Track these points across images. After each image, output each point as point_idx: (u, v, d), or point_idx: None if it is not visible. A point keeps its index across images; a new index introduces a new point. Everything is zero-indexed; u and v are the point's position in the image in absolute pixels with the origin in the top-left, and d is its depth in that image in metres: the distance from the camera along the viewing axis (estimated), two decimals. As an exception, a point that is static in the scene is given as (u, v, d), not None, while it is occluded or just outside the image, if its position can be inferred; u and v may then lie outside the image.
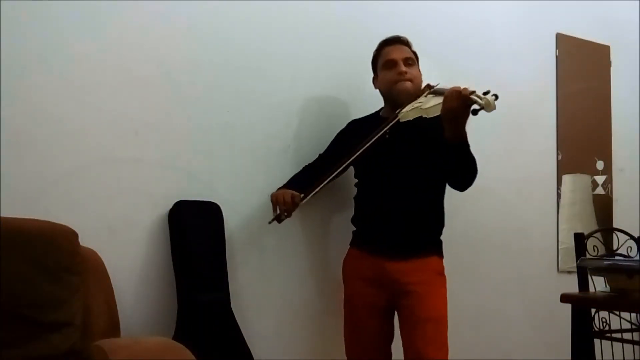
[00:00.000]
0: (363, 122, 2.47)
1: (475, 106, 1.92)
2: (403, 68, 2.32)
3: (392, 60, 2.35)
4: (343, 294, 2.40)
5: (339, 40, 2.68)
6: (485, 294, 3.01)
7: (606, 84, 3.61)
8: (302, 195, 2.27)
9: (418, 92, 2.31)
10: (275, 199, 2.29)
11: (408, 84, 2.31)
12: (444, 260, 2.34)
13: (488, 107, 1.89)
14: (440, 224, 2.36)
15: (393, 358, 2.35)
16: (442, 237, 2.36)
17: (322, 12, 2.65)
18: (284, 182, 2.47)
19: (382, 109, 2.46)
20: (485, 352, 2.95)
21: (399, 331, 2.29)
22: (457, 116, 1.98)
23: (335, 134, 2.51)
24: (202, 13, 2.37)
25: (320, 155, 2.51)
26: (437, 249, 2.34)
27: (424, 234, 2.31)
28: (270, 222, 2.30)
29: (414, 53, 2.41)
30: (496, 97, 1.89)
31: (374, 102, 2.53)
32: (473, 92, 1.94)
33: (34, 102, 2.06)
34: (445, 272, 2.33)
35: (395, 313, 2.32)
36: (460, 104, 1.95)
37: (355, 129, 2.46)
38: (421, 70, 2.41)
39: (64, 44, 2.11)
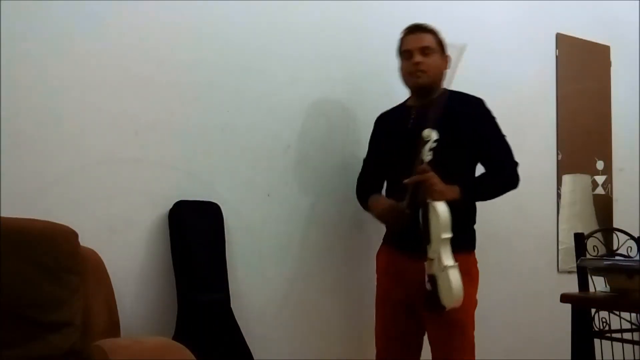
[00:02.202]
0: (390, 115, 2.40)
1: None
2: (417, 59, 2.23)
3: (407, 51, 2.27)
4: (343, 293, 2.40)
5: (338, 41, 2.68)
6: (485, 294, 3.00)
7: (606, 84, 3.60)
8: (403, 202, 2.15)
9: (435, 81, 2.26)
10: (385, 219, 2.27)
11: (420, 80, 2.24)
12: None
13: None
14: (470, 217, 2.27)
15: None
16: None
17: (322, 12, 2.64)
18: (284, 182, 2.47)
19: (409, 98, 2.37)
20: (485, 351, 2.93)
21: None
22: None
23: (369, 138, 2.45)
24: (202, 13, 2.37)
25: (364, 160, 2.46)
26: (465, 244, 2.20)
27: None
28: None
29: (439, 40, 2.28)
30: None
31: (374, 102, 2.53)
32: None
33: (34, 102, 2.06)
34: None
35: None
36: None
37: (384, 124, 2.40)
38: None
39: (64, 43, 2.11)
